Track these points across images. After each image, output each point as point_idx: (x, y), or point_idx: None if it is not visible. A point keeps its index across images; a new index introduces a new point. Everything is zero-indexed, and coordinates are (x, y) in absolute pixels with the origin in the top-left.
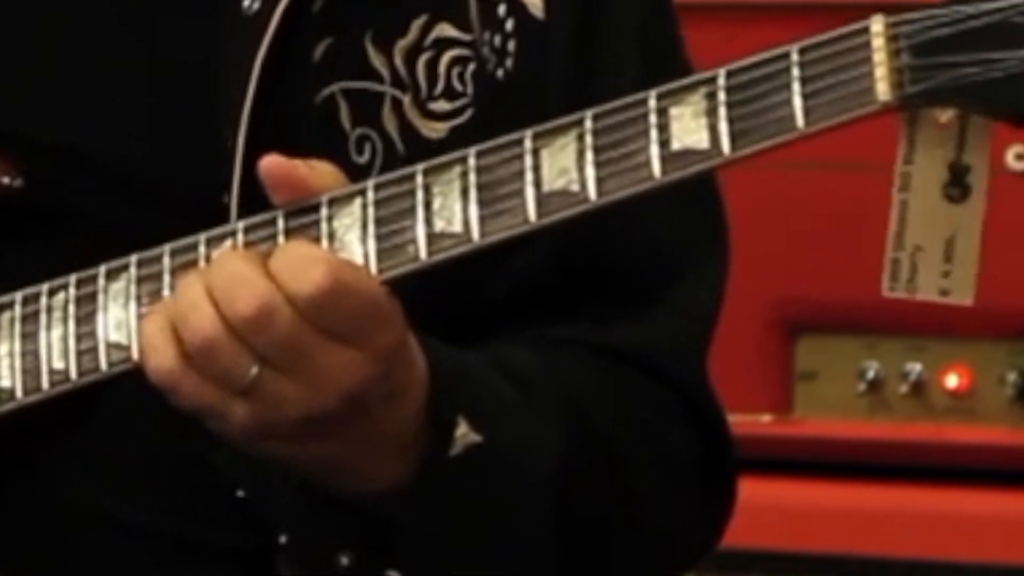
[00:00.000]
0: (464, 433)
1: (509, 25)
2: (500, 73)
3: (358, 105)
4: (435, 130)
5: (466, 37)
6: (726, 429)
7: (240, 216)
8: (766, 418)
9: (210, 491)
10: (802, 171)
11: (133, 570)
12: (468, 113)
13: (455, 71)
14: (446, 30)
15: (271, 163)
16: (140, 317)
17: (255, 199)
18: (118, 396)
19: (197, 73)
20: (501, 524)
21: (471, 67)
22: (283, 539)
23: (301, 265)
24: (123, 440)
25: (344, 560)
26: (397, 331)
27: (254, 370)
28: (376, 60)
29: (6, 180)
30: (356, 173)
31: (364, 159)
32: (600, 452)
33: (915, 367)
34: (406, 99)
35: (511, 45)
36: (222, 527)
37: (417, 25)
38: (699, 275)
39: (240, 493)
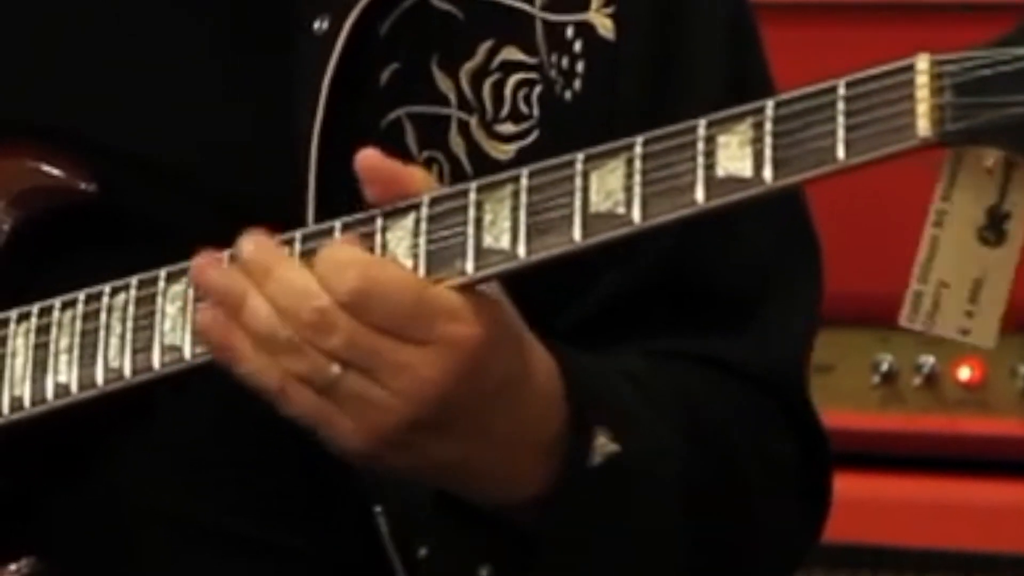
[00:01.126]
0: (603, 443)
1: (577, 47)
2: (568, 95)
3: (425, 128)
4: (503, 152)
5: (532, 60)
6: (824, 439)
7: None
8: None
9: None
10: None
11: (195, 570)
12: (534, 135)
13: (521, 93)
14: (513, 53)
15: (367, 157)
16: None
17: (335, 212)
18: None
19: (270, 89)
20: (636, 533)
21: (537, 89)
22: (423, 552)
23: (335, 269)
24: (198, 439)
25: (483, 573)
26: (472, 324)
27: (336, 368)
28: (442, 84)
29: (82, 185)
30: None
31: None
32: (718, 458)
33: (928, 360)
34: (473, 121)
35: (579, 66)
36: (293, 529)
37: (483, 49)
38: (798, 292)
39: (377, 508)
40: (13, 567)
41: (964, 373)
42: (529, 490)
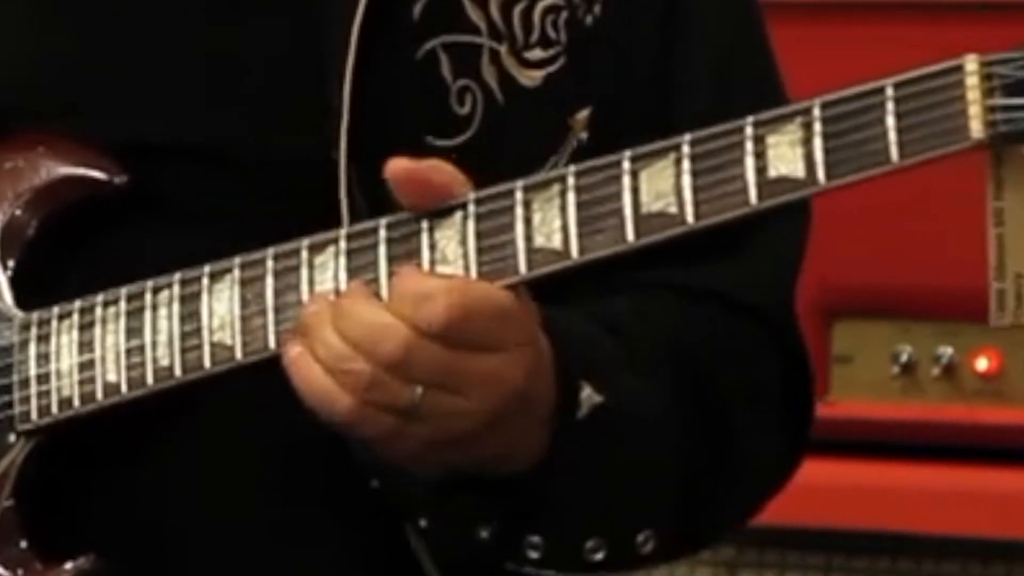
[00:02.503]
0: (589, 395)
1: None
2: (589, 19)
3: (458, 57)
4: (531, 78)
5: None
6: (808, 365)
7: (347, 173)
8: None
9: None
10: None
11: (237, 557)
12: (561, 61)
13: (549, 19)
14: None
15: (396, 167)
16: (244, 319)
17: (363, 154)
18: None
19: (298, 36)
20: (628, 478)
21: (564, 15)
22: (423, 523)
23: (420, 299)
24: (233, 430)
25: (484, 534)
26: (531, 322)
27: (418, 391)
28: (473, 13)
29: (107, 176)
30: (458, 123)
31: (465, 110)
32: (702, 394)
33: (947, 351)
34: (503, 49)
35: None
36: (336, 516)
37: None
38: (783, 221)
39: (374, 483)
40: (69, 565)
41: (982, 364)
42: (531, 458)
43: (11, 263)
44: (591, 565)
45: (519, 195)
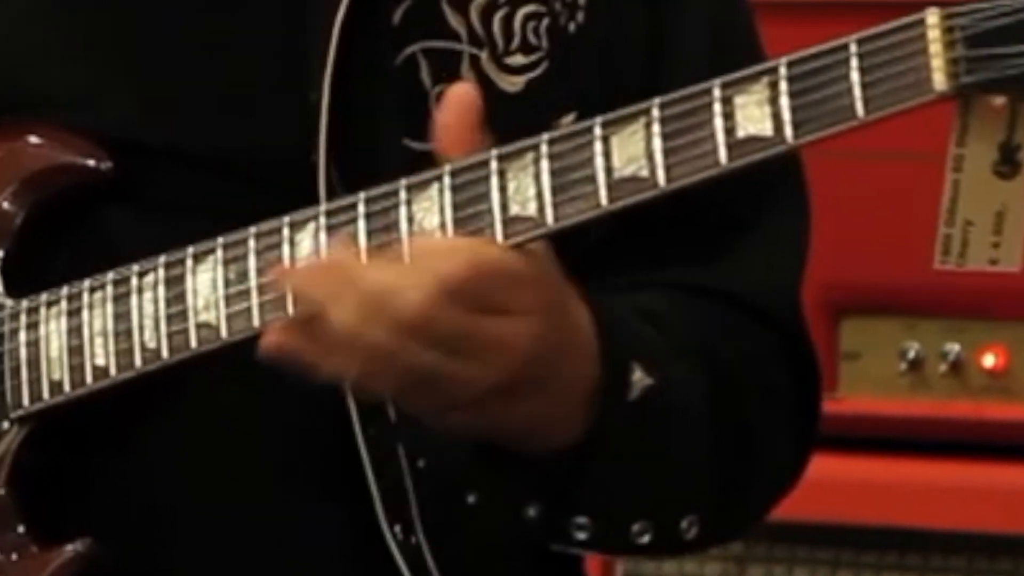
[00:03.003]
0: (640, 378)
1: None
2: (572, 27)
3: (438, 63)
4: (512, 83)
5: None
6: (816, 364)
7: (328, 174)
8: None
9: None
10: (845, 161)
11: (230, 540)
12: (544, 66)
13: (530, 26)
14: None
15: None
16: (228, 299)
17: (342, 156)
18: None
19: (280, 43)
20: (674, 460)
21: (545, 22)
22: (471, 499)
23: (440, 258)
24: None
25: (532, 512)
26: (548, 287)
27: (431, 357)
28: (453, 20)
29: (94, 164)
30: None
31: None
32: (728, 390)
33: (954, 347)
34: (483, 55)
35: None
36: (331, 498)
37: None
38: (788, 203)
39: (420, 463)
40: (67, 548)
41: (988, 360)
42: (570, 436)
43: (0, 252)
44: (637, 547)
45: (494, 164)
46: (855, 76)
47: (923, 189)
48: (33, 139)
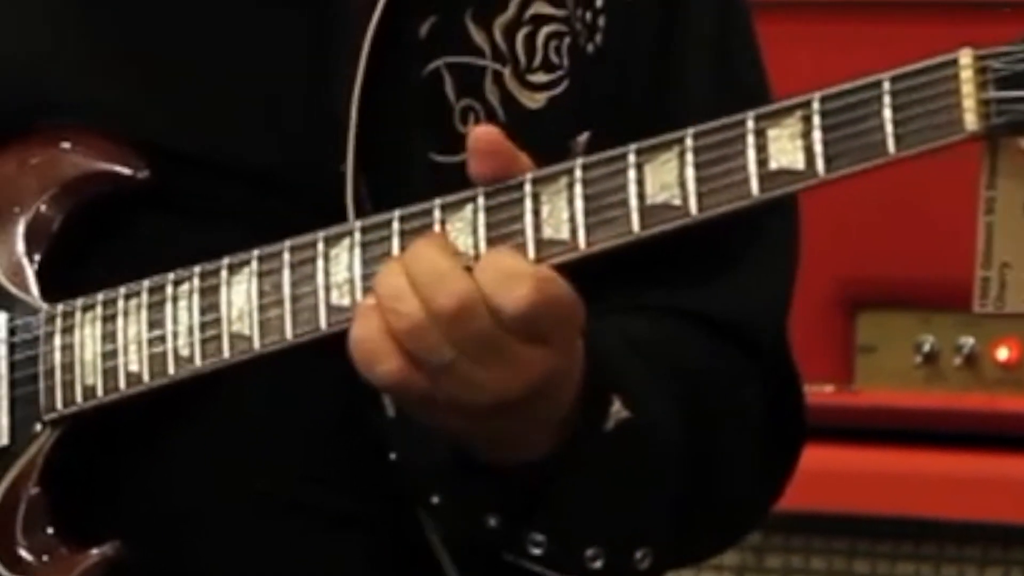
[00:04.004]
0: (618, 410)
1: (599, 2)
2: (591, 47)
3: (462, 78)
4: (534, 100)
5: (561, 13)
6: (800, 396)
7: (365, 183)
8: (829, 388)
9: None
10: None
11: (258, 543)
12: (564, 84)
13: (552, 45)
14: (542, 7)
15: (483, 132)
16: (261, 309)
17: (369, 169)
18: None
19: (310, 56)
20: (636, 493)
21: (566, 41)
22: (435, 500)
23: (508, 279)
24: (262, 413)
25: (492, 522)
26: (579, 328)
27: (451, 355)
28: (477, 36)
29: (130, 172)
30: (461, 141)
31: (469, 128)
32: (696, 420)
33: (968, 340)
34: (506, 71)
35: (601, 21)
36: (360, 496)
37: (516, 2)
38: (777, 230)
39: (392, 456)
40: (94, 551)
41: (1002, 353)
42: (536, 454)
43: (36, 256)
44: (588, 572)
45: (528, 188)
46: (887, 113)
47: (940, 186)
48: (72, 145)
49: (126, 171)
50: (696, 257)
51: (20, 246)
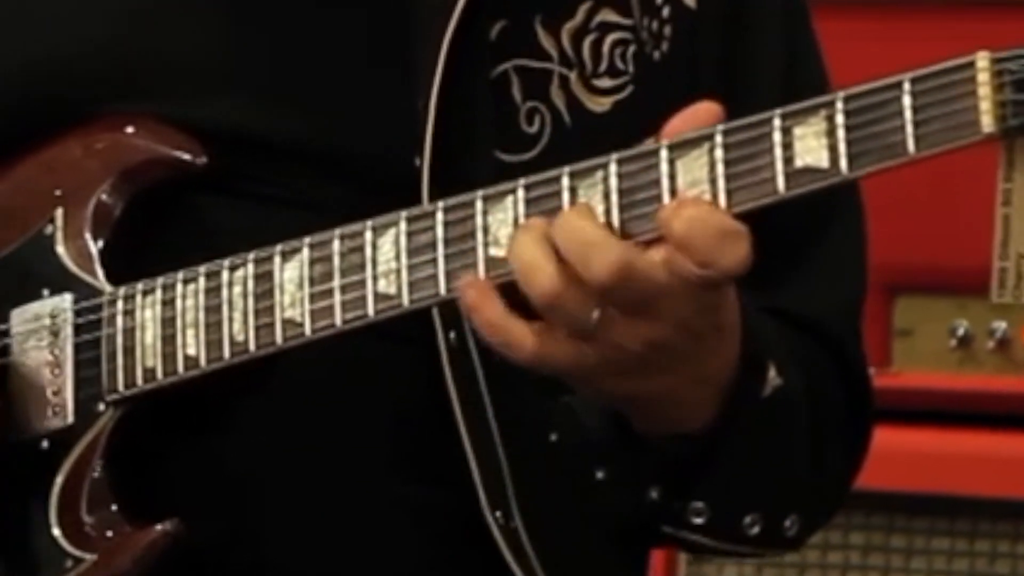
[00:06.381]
0: (773, 376)
1: (665, 12)
2: (656, 55)
3: (529, 81)
4: (599, 104)
5: (627, 22)
6: (870, 389)
7: (431, 177)
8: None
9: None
10: None
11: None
12: (629, 89)
13: (617, 52)
14: (609, 15)
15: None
16: (312, 297)
17: (444, 160)
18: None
19: (385, 50)
20: (787, 460)
21: (632, 48)
22: (600, 475)
23: (721, 240)
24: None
25: (654, 494)
26: (685, 301)
27: (596, 314)
28: (545, 41)
29: (191, 157)
30: (527, 141)
31: (534, 129)
32: (816, 401)
33: (1001, 325)
34: (572, 76)
35: (667, 30)
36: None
37: (583, 10)
38: (847, 220)
39: (553, 437)
40: (159, 527)
41: None
42: (698, 422)
43: (100, 241)
44: (745, 539)
45: (565, 181)
46: (908, 114)
47: (975, 175)
48: (134, 131)
49: (186, 157)
50: (772, 259)
51: (86, 230)
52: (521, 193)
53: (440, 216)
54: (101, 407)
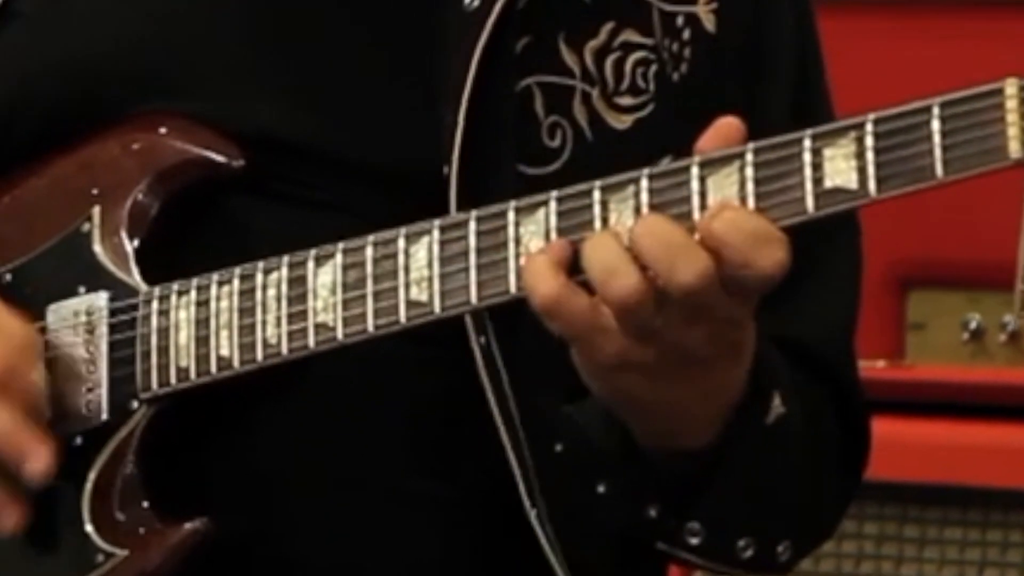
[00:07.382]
0: (777, 405)
1: (686, 35)
2: (676, 76)
3: (551, 96)
4: (621, 121)
5: (649, 42)
6: (865, 418)
7: (459, 185)
8: (881, 364)
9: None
10: None
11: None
12: (650, 108)
13: (639, 71)
14: (632, 36)
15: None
16: (345, 303)
17: (473, 169)
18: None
19: (409, 61)
20: (784, 487)
21: (653, 68)
22: (601, 488)
23: (760, 242)
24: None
25: (652, 512)
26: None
27: (659, 321)
28: (568, 58)
29: (226, 159)
30: (548, 155)
31: (555, 143)
32: (813, 430)
33: (1012, 319)
34: (595, 92)
35: (687, 52)
36: (446, 478)
37: (606, 29)
38: (841, 252)
39: (558, 448)
40: (187, 526)
41: None
42: (701, 439)
43: (136, 240)
44: (738, 562)
45: (597, 195)
46: (937, 139)
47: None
48: (170, 131)
49: (221, 159)
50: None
51: (122, 228)
52: (553, 205)
53: (473, 225)
54: (135, 404)
